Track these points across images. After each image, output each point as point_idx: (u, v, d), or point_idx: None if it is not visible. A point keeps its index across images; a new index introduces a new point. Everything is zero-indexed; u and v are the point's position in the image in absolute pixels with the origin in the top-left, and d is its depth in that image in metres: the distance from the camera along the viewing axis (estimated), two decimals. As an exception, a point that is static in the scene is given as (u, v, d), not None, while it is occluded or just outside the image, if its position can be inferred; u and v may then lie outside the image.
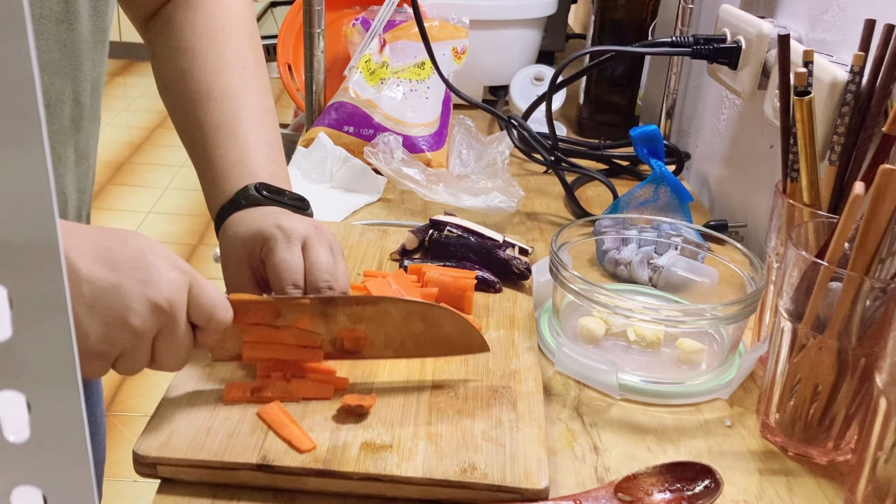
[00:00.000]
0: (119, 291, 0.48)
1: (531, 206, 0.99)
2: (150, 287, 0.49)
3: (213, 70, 0.68)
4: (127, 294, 0.48)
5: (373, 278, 0.72)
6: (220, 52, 0.69)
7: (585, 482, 0.56)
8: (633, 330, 0.71)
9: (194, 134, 0.67)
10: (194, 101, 0.67)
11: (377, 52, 1.10)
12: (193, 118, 0.67)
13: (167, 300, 0.50)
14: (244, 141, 0.66)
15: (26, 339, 0.22)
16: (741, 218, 0.97)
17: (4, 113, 0.20)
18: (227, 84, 0.68)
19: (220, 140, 0.66)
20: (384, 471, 0.52)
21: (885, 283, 0.54)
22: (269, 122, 0.70)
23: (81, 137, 0.67)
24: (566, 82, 1.00)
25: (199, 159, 0.67)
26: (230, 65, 0.69)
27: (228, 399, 0.57)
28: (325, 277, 0.59)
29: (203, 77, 0.68)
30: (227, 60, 0.69)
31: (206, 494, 0.52)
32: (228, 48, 0.70)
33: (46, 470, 0.24)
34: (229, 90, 0.68)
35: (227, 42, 0.70)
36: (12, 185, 0.21)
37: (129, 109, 4.21)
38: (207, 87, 0.67)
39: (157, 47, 0.72)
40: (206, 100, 0.67)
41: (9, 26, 0.19)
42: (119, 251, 0.49)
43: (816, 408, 0.58)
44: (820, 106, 0.66)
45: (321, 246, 0.60)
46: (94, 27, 0.64)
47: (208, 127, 0.66)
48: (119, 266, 0.49)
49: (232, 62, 0.69)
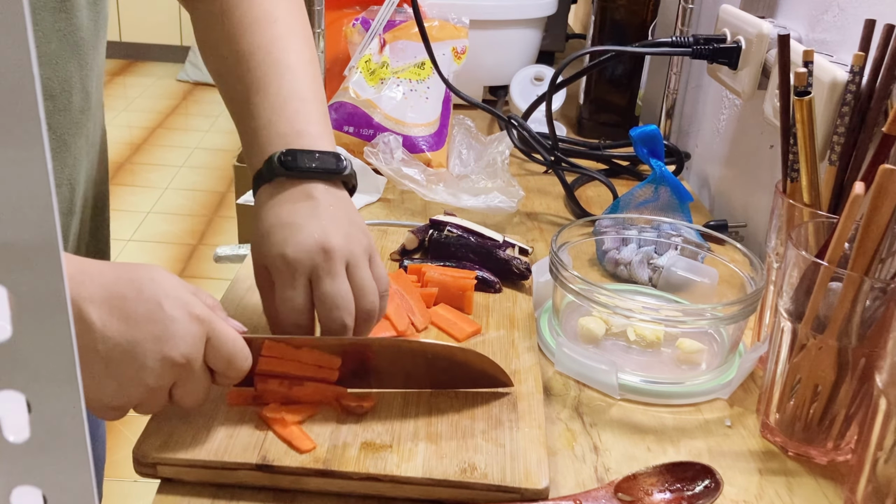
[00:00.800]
0: (134, 350, 0.47)
1: (531, 206, 0.99)
2: (166, 344, 0.48)
3: (240, 30, 0.65)
4: (143, 352, 0.47)
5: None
6: (248, 9, 0.66)
7: (585, 482, 0.56)
8: (633, 330, 0.71)
9: (231, 100, 0.65)
10: (226, 66, 0.65)
11: (377, 52, 1.10)
12: (228, 84, 0.65)
13: (184, 356, 0.48)
14: (273, 99, 0.62)
15: (26, 339, 0.22)
16: (741, 218, 0.97)
17: (4, 113, 0.20)
18: (256, 42, 0.64)
19: (253, 102, 0.62)
20: (384, 471, 0.52)
21: (885, 283, 0.54)
22: (304, 75, 0.64)
23: (90, 126, 0.67)
24: (566, 82, 1.00)
25: (237, 125, 0.65)
26: (258, 21, 0.65)
27: (231, 403, 0.57)
28: (332, 315, 0.55)
29: (232, 38, 0.65)
30: (255, 18, 0.65)
31: (206, 494, 0.52)
32: (256, 4, 0.66)
33: (46, 470, 0.24)
34: (259, 48, 0.64)
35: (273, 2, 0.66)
36: (12, 185, 0.21)
37: (129, 109, 4.22)
38: (237, 48, 0.64)
39: (194, 13, 0.69)
40: (234, 62, 0.64)
41: (9, 26, 0.19)
42: (135, 302, 0.48)
43: (816, 408, 0.58)
44: (820, 106, 0.66)
45: (329, 275, 0.55)
46: (92, 13, 0.63)
47: (238, 91, 0.64)
48: (135, 321, 0.47)
49: (260, 18, 0.65)
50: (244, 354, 0.52)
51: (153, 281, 0.49)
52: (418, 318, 0.69)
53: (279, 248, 0.56)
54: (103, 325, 0.47)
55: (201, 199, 3.29)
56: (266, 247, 0.57)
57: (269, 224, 0.57)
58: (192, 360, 0.49)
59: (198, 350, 0.49)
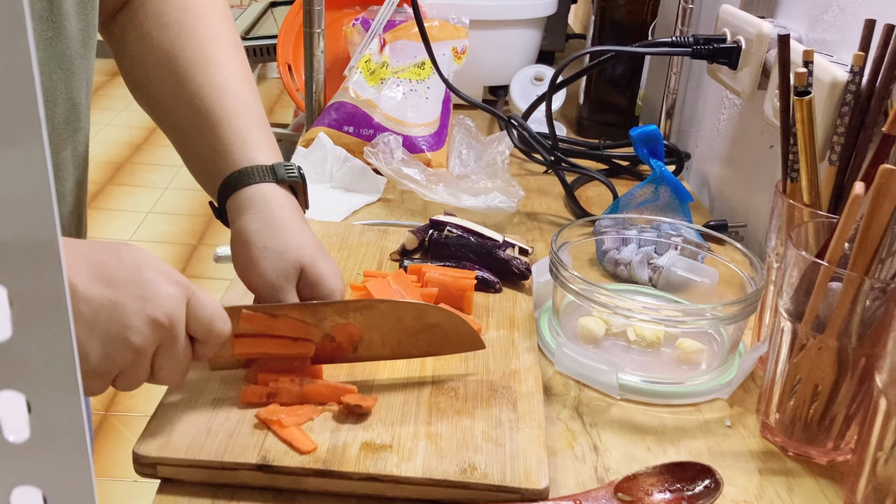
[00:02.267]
0: (118, 309, 0.48)
1: (531, 206, 0.99)
2: (148, 303, 0.48)
3: (205, 40, 0.64)
4: (126, 311, 0.48)
5: (373, 279, 0.72)
6: (209, 24, 0.66)
7: (585, 482, 0.56)
8: (633, 330, 0.71)
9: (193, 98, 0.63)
10: (189, 69, 0.63)
11: (377, 52, 1.10)
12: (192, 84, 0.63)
13: (166, 315, 0.49)
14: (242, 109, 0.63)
15: (26, 339, 0.22)
16: (741, 218, 0.97)
17: (4, 113, 0.20)
18: (224, 55, 0.64)
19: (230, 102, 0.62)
20: (384, 471, 0.52)
21: (884, 283, 0.54)
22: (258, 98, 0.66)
23: (79, 138, 0.66)
24: (566, 82, 1.00)
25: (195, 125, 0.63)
26: (222, 35, 0.66)
27: (245, 402, 0.57)
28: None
29: (196, 47, 0.64)
30: (217, 33, 0.66)
31: (206, 495, 0.52)
32: (216, 22, 0.66)
33: (46, 470, 0.24)
34: (229, 60, 0.64)
35: (214, 17, 0.67)
36: (12, 185, 0.20)
37: (130, 109, 4.21)
38: (204, 54, 0.63)
39: (128, 36, 0.67)
40: (203, 65, 0.63)
41: (9, 26, 0.19)
42: (115, 267, 0.49)
43: (816, 408, 0.58)
44: (820, 106, 0.66)
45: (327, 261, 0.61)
46: (81, 24, 0.62)
47: (211, 89, 0.62)
48: (116, 283, 0.48)
49: (223, 34, 0.66)
50: (223, 317, 0.53)
51: (131, 250, 0.50)
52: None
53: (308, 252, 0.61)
54: (86, 289, 0.47)
55: (201, 199, 3.29)
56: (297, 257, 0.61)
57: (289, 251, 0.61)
58: (174, 320, 0.49)
59: (180, 311, 0.50)
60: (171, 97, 0.65)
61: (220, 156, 0.62)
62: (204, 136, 0.63)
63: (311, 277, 0.60)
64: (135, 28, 0.67)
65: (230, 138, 0.62)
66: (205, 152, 0.63)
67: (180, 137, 0.66)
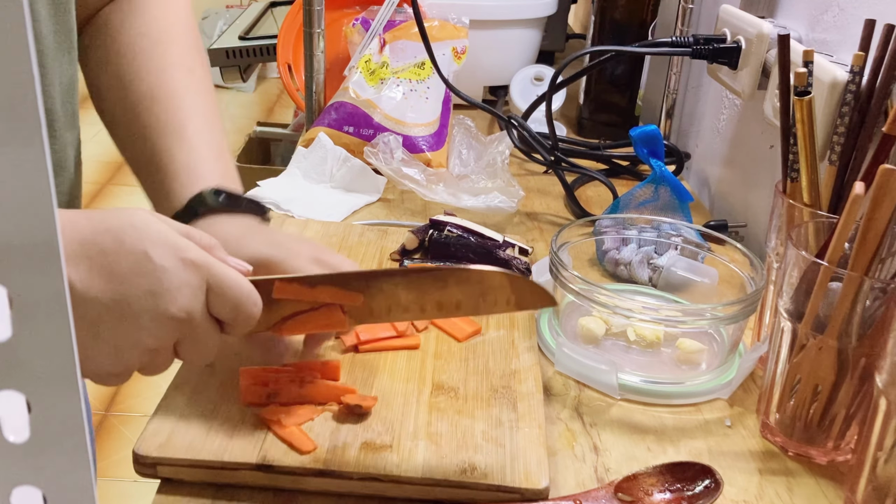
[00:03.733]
0: (125, 309, 0.42)
1: (531, 206, 0.99)
2: (160, 299, 0.43)
3: (157, 71, 0.63)
4: (135, 311, 0.42)
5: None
6: (164, 53, 0.64)
7: (585, 482, 0.56)
8: (633, 330, 0.71)
9: (138, 139, 0.61)
10: (137, 104, 0.62)
11: (377, 52, 1.10)
12: (138, 122, 0.61)
13: (183, 310, 0.44)
14: (193, 143, 0.60)
15: (26, 339, 0.22)
16: (741, 218, 0.97)
17: (4, 113, 0.20)
18: (174, 87, 0.63)
19: (168, 142, 0.60)
20: (384, 471, 0.52)
21: (885, 283, 0.54)
22: (217, 126, 0.64)
23: (56, 148, 0.62)
24: (566, 82, 1.00)
25: (144, 164, 0.61)
26: (176, 66, 0.64)
27: (245, 402, 0.57)
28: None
29: (147, 78, 0.62)
30: (172, 62, 0.64)
31: (207, 494, 0.52)
32: (173, 50, 0.65)
33: (46, 470, 0.24)
34: (176, 92, 0.62)
35: (171, 44, 0.65)
36: (12, 185, 0.20)
37: (129, 109, 4.21)
38: (151, 88, 0.62)
39: (91, 53, 0.65)
40: (150, 101, 0.61)
41: (9, 26, 0.19)
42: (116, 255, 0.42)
43: (816, 408, 0.58)
44: (820, 106, 0.66)
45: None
46: (55, 27, 0.59)
47: (154, 129, 0.60)
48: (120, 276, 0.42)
49: (178, 63, 0.64)
50: (252, 298, 0.47)
51: (135, 228, 0.43)
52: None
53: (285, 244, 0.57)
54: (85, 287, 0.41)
55: (201, 199, 3.29)
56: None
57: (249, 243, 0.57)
58: (192, 313, 0.44)
59: (198, 301, 0.44)
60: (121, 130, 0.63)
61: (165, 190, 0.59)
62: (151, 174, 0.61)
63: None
64: (95, 49, 0.65)
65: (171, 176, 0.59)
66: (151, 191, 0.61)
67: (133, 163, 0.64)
